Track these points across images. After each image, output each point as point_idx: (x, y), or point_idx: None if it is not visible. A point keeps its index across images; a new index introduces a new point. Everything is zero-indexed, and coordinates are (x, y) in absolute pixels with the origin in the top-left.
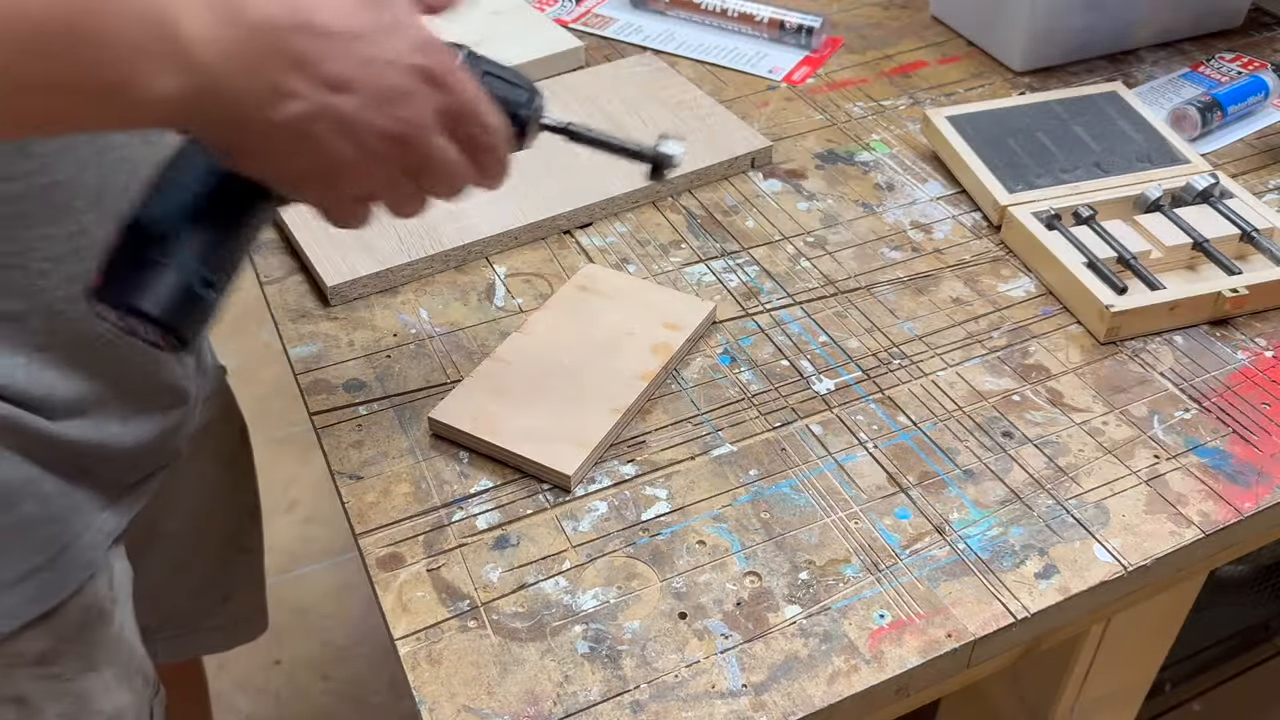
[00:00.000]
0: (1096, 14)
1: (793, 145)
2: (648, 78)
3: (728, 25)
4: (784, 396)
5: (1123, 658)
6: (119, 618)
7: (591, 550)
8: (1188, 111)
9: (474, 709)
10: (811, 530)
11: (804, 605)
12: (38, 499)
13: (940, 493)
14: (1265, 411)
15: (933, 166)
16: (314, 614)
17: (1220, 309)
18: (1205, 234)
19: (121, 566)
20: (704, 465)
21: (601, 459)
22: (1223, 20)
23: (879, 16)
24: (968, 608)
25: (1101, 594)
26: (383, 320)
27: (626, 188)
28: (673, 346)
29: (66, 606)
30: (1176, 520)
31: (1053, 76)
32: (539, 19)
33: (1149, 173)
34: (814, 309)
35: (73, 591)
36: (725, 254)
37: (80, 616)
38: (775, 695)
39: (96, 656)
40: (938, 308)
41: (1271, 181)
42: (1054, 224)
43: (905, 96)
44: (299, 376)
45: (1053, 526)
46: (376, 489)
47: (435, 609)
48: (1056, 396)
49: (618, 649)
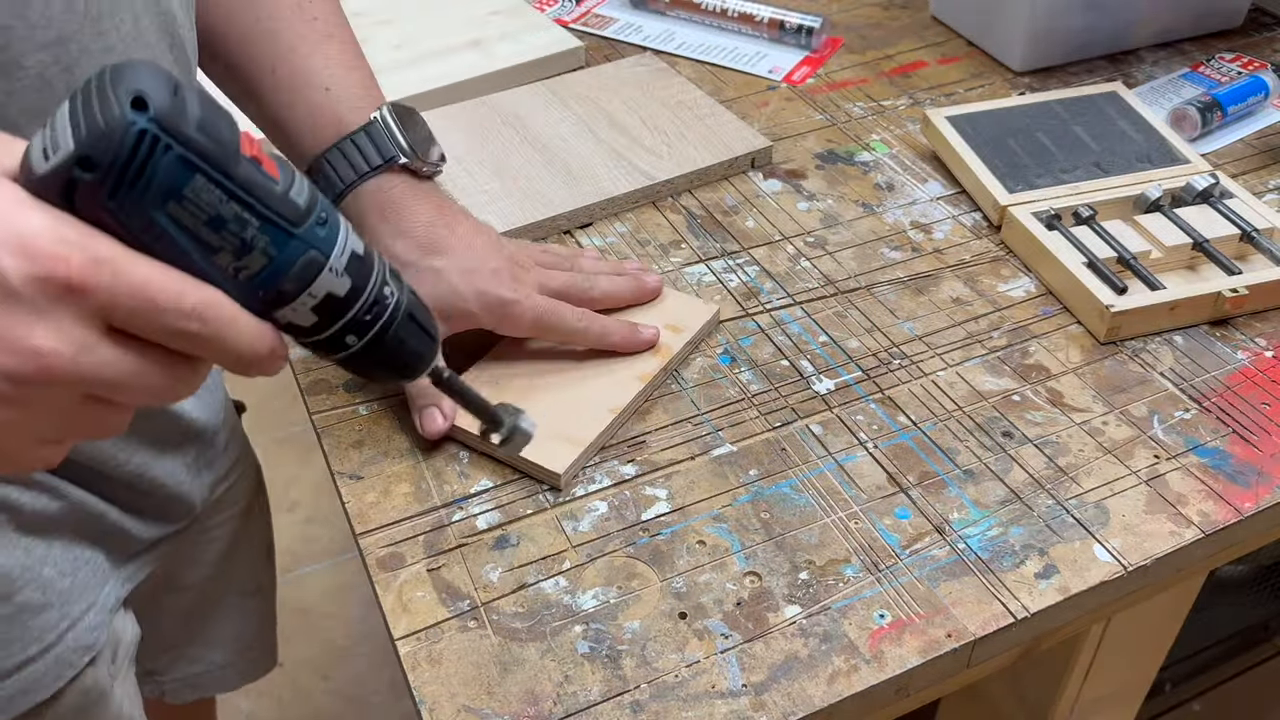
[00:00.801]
0: (1096, 14)
1: (793, 145)
2: (648, 78)
3: (728, 25)
4: (784, 396)
5: (1123, 658)
6: (119, 694)
7: (591, 550)
8: (1188, 111)
9: (474, 709)
10: (811, 530)
11: (804, 605)
12: (38, 585)
13: (940, 493)
14: (1265, 411)
15: (933, 166)
16: (314, 614)
17: (1220, 309)
18: (1205, 234)
19: (129, 631)
20: (704, 465)
21: (599, 460)
22: (1223, 20)
23: (879, 16)
24: (968, 608)
25: (1101, 594)
26: None
27: (626, 188)
28: (673, 348)
29: (64, 693)
30: (1176, 520)
31: (1053, 76)
32: (539, 19)
33: (1149, 173)
34: (814, 309)
35: (71, 678)
36: (725, 254)
37: (78, 701)
38: (775, 695)
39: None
40: (938, 308)
41: (1271, 181)
42: (1054, 224)
43: (905, 96)
44: (299, 376)
45: (1053, 526)
46: (376, 489)
47: (435, 609)
48: (1056, 396)
49: (618, 649)
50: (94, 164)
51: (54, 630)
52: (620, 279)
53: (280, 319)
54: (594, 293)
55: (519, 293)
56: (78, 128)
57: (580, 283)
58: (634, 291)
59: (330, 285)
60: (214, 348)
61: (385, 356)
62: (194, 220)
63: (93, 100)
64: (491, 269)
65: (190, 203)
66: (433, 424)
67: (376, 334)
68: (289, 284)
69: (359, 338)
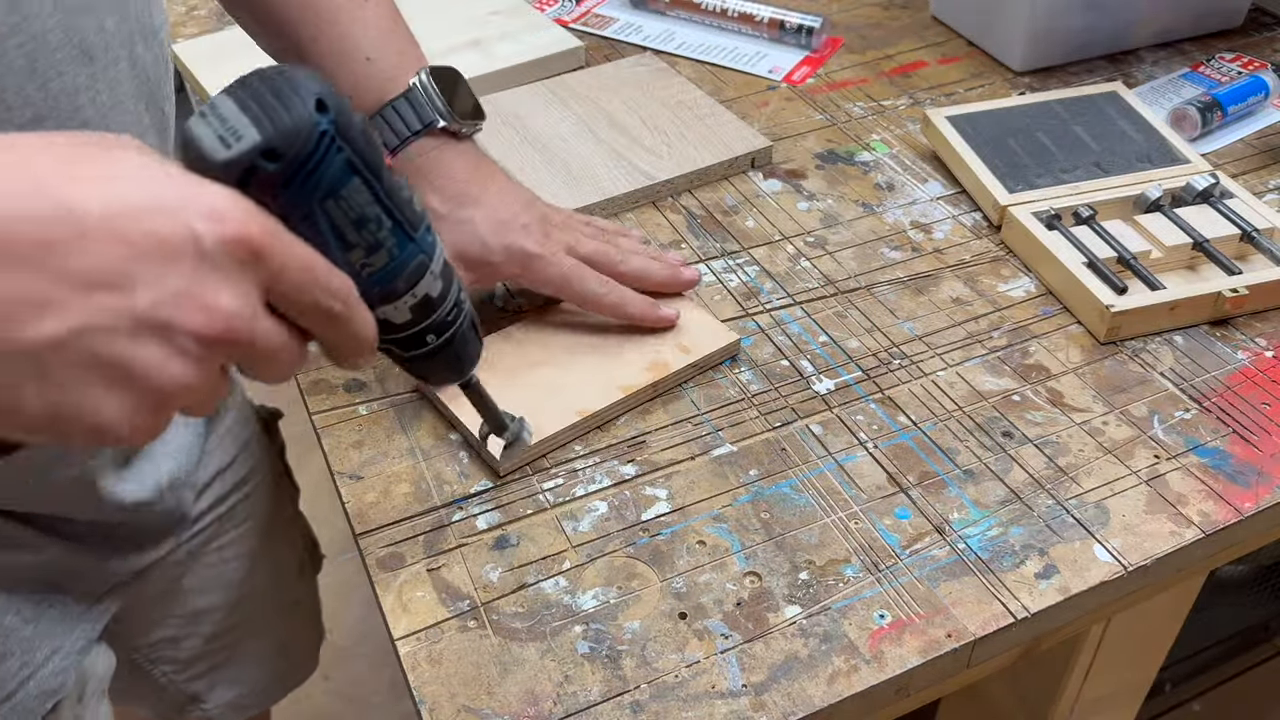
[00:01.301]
0: (1096, 14)
1: (793, 145)
2: (648, 78)
3: (728, 25)
4: (784, 396)
5: (1123, 658)
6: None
7: (591, 550)
8: (1188, 111)
9: (474, 709)
10: (811, 530)
11: (804, 605)
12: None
13: (940, 493)
14: (1265, 411)
15: (933, 166)
16: None
17: (1220, 309)
18: (1205, 234)
19: (103, 663)
20: (704, 465)
21: (599, 460)
22: (1223, 20)
23: (879, 16)
24: (968, 608)
25: (1101, 594)
26: None
27: (626, 187)
28: (670, 367)
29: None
30: (1176, 520)
31: (1053, 76)
32: (539, 19)
33: (1149, 173)
34: (814, 309)
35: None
36: (725, 254)
37: None
38: (775, 695)
39: None
40: (938, 308)
41: (1271, 181)
42: (1054, 224)
43: (905, 96)
44: (299, 376)
45: (1053, 526)
46: (376, 489)
47: (435, 609)
48: (1056, 396)
49: (618, 649)
50: (278, 155)
51: (14, 679)
52: (654, 261)
53: (379, 315)
54: (624, 266)
55: (545, 248)
56: (261, 122)
57: (612, 254)
58: (666, 276)
59: (429, 287)
60: (342, 330)
61: (452, 355)
62: (343, 217)
63: (268, 98)
64: (522, 224)
65: (345, 201)
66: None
67: (451, 334)
68: (401, 283)
69: (438, 336)
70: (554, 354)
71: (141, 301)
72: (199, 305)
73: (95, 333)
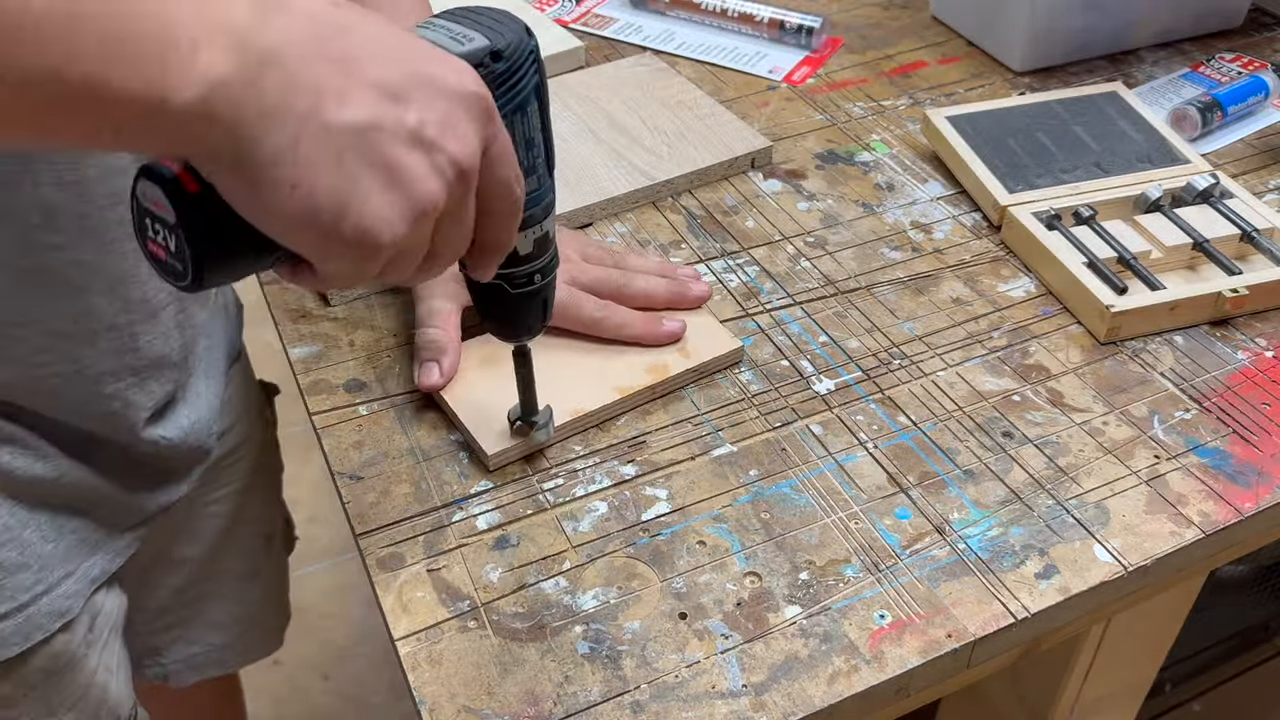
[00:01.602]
0: (1096, 14)
1: (793, 145)
2: (648, 78)
3: (728, 25)
4: (784, 397)
5: (1123, 658)
6: (93, 662)
7: (591, 550)
8: (1188, 111)
9: (474, 709)
10: (811, 530)
11: (804, 605)
12: (17, 545)
13: (940, 493)
14: (1265, 411)
15: (933, 166)
16: (314, 614)
17: (1220, 309)
18: (1205, 234)
19: (112, 602)
20: (704, 465)
21: (599, 460)
22: (1223, 20)
23: (879, 16)
24: (968, 608)
25: (1101, 594)
26: (384, 320)
27: (626, 188)
28: (669, 370)
29: (33, 654)
30: (1176, 520)
31: (1053, 76)
32: (539, 19)
33: (1149, 173)
34: (814, 309)
35: (40, 640)
36: (725, 254)
37: (47, 664)
38: (775, 695)
39: (59, 702)
40: (938, 308)
41: (1271, 181)
42: (1054, 224)
43: (905, 96)
44: (299, 376)
45: (1053, 526)
46: (376, 489)
47: (435, 609)
48: (1056, 396)
49: (618, 649)
50: (502, 57)
51: (28, 591)
52: (660, 280)
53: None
54: (628, 290)
55: None
56: (490, 30)
57: (616, 278)
58: (673, 295)
59: (549, 226)
60: (506, 226)
61: (538, 303)
62: (520, 135)
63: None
64: None
65: (526, 120)
66: (429, 377)
67: (549, 280)
68: (539, 211)
69: (543, 278)
70: (554, 354)
71: (413, 118)
72: (457, 134)
73: (380, 132)
